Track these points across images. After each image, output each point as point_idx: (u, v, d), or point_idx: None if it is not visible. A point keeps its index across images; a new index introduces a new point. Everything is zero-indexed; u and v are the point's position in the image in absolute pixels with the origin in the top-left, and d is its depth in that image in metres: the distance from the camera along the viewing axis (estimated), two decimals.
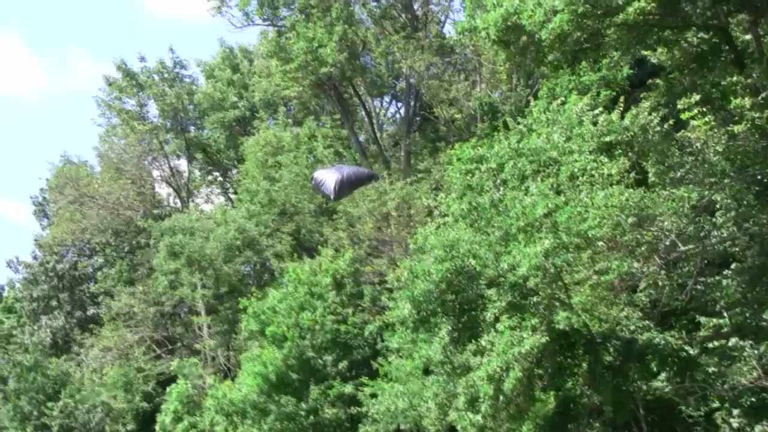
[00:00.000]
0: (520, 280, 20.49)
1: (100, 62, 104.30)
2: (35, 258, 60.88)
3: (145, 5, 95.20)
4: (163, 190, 59.29)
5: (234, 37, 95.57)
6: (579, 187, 21.67)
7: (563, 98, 25.40)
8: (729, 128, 24.61)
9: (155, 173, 58.53)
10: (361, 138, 48.53)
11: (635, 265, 23.02)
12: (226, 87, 55.70)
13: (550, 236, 20.22)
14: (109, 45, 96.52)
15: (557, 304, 21.64)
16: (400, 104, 49.53)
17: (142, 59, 58.90)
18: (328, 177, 18.16)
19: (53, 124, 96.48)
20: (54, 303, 58.54)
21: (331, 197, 17.56)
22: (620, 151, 22.74)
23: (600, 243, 21.53)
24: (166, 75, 56.95)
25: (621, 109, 23.87)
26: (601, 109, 24.09)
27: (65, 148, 60.09)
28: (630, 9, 24.29)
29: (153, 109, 56.90)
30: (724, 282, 24.01)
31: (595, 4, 24.64)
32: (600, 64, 28.97)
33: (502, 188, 23.08)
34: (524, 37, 26.06)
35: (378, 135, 47.19)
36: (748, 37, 27.60)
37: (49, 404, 48.49)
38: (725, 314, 24.32)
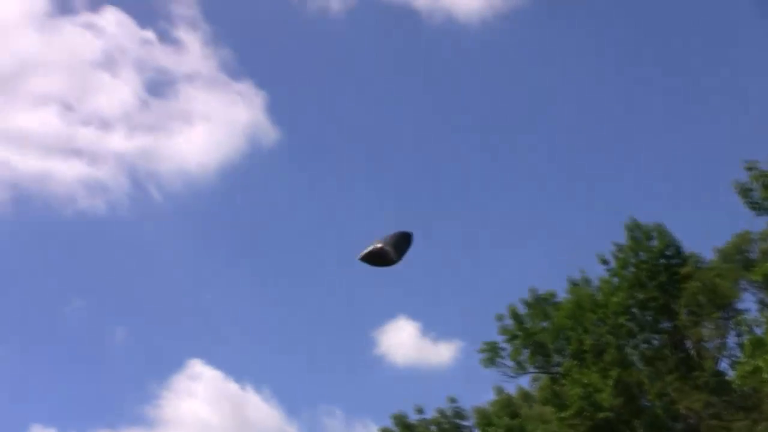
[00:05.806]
0: None
1: (350, 418, 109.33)
2: None
3: (385, 359, 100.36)
4: None
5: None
6: None
7: None
8: None
9: None
10: None
11: None
12: None
13: None
14: (357, 398, 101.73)
15: None
16: None
17: (420, 411, 60.10)
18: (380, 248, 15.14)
19: None
20: None
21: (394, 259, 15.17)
22: None
23: None
24: (445, 426, 58.05)
25: None
26: None
27: None
28: None
29: None
30: None
31: None
32: None
33: None
34: None
35: None
36: None
37: None
38: None
